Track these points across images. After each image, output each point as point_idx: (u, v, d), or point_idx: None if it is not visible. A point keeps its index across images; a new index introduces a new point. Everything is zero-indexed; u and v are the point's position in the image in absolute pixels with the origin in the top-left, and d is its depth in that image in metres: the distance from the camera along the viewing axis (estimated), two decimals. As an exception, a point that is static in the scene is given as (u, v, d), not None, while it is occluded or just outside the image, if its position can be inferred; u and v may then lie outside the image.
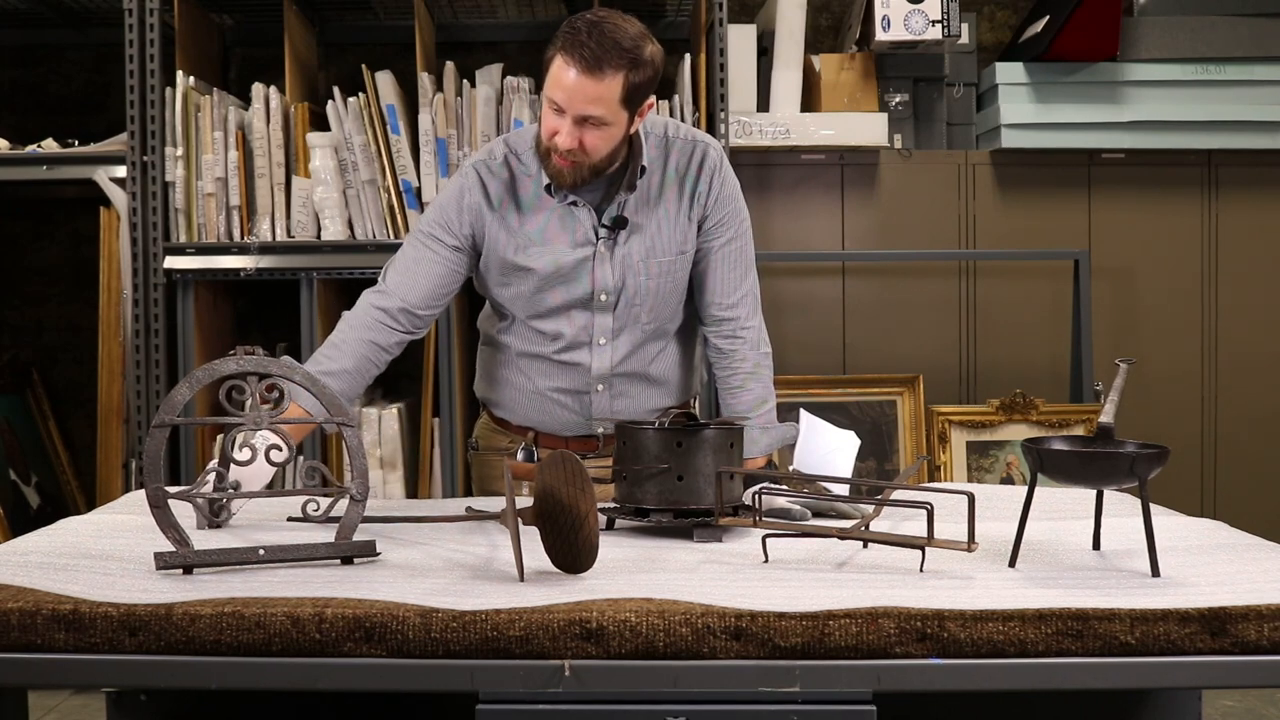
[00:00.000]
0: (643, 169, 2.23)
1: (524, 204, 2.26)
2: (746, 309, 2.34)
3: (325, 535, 1.88)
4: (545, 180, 2.22)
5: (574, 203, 2.23)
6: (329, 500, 2.09)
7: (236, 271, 3.62)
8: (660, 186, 2.27)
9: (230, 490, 1.99)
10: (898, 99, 4.07)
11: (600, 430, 2.32)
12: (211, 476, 2.00)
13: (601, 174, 2.20)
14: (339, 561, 1.78)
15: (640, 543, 1.91)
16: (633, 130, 2.18)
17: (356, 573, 1.72)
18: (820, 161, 4.06)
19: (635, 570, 1.73)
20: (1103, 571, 1.72)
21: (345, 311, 2.31)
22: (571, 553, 1.69)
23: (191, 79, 3.60)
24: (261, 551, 1.74)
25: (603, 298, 2.27)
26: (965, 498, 1.69)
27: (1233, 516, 2.95)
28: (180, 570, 1.70)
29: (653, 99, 2.18)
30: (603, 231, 2.25)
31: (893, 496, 2.06)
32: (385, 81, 3.59)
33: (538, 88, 3.67)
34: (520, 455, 2.39)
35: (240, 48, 4.29)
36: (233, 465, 1.92)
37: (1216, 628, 1.52)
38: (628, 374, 2.33)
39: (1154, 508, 1.95)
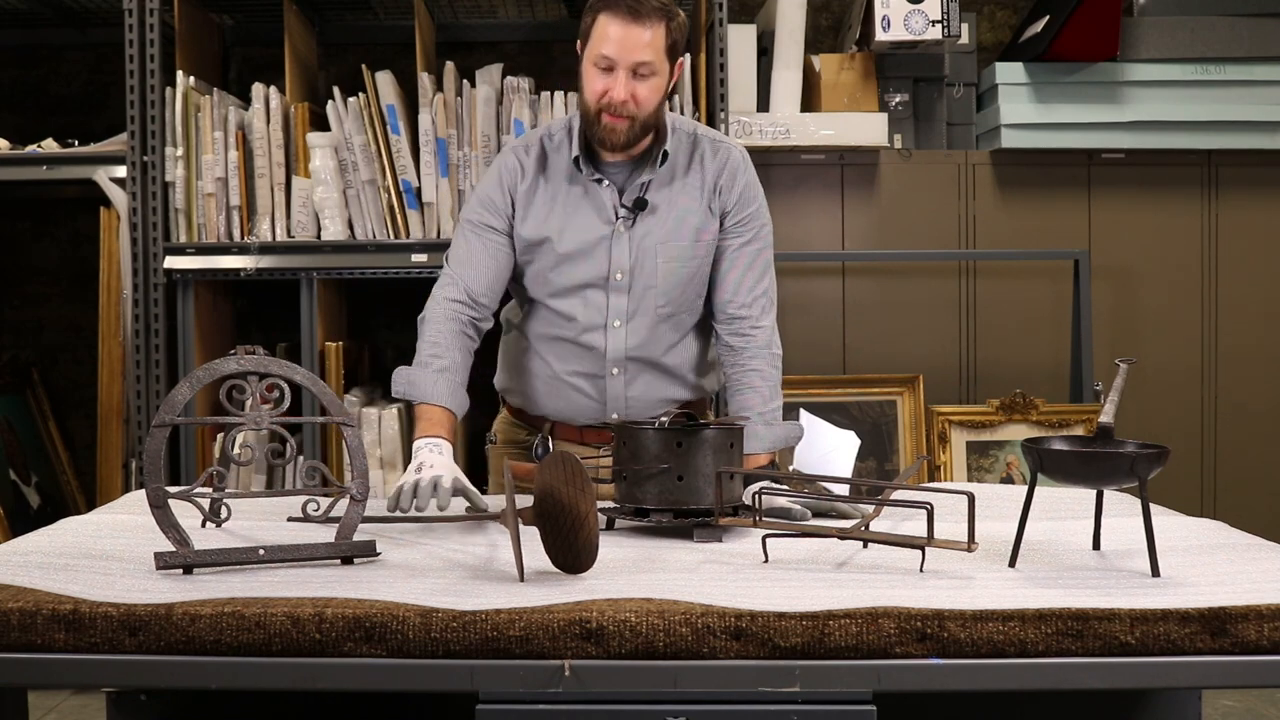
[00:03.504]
0: (665, 153, 2.30)
1: (552, 178, 2.33)
2: (759, 309, 2.37)
3: (325, 535, 1.89)
4: (574, 154, 2.29)
5: (599, 179, 2.29)
6: (329, 500, 2.10)
7: (236, 271, 3.62)
8: (683, 175, 2.33)
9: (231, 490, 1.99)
10: (898, 99, 4.07)
11: (615, 418, 2.34)
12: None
13: (650, 132, 2.26)
14: (339, 561, 1.78)
15: (640, 543, 1.91)
16: (671, 84, 2.26)
17: (356, 573, 1.72)
18: (820, 161, 4.06)
19: (635, 570, 1.73)
20: (1103, 571, 1.72)
21: (424, 315, 2.31)
22: (571, 553, 1.69)
23: (191, 79, 3.60)
24: (261, 551, 1.74)
25: (618, 277, 2.31)
26: (965, 498, 1.69)
27: (1233, 516, 2.95)
28: (180, 570, 1.70)
29: (683, 59, 2.23)
30: (623, 211, 2.30)
31: (893, 496, 2.06)
32: (385, 81, 3.59)
33: (538, 88, 3.69)
34: (536, 447, 2.42)
35: (240, 48, 4.29)
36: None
37: (1216, 628, 1.52)
38: (642, 360, 2.36)
39: (1154, 508, 1.95)
